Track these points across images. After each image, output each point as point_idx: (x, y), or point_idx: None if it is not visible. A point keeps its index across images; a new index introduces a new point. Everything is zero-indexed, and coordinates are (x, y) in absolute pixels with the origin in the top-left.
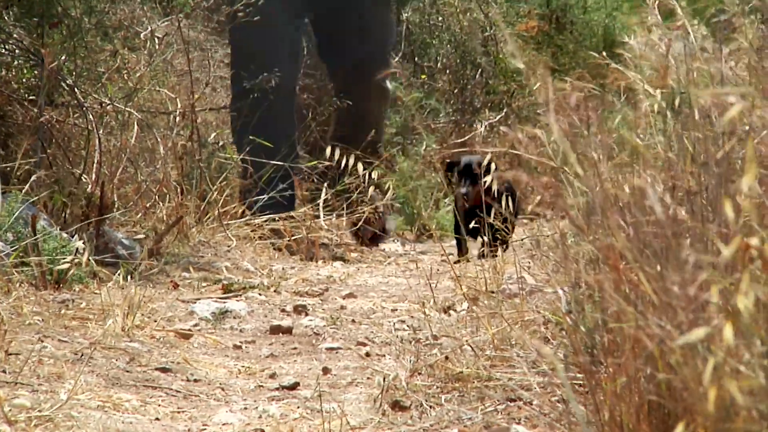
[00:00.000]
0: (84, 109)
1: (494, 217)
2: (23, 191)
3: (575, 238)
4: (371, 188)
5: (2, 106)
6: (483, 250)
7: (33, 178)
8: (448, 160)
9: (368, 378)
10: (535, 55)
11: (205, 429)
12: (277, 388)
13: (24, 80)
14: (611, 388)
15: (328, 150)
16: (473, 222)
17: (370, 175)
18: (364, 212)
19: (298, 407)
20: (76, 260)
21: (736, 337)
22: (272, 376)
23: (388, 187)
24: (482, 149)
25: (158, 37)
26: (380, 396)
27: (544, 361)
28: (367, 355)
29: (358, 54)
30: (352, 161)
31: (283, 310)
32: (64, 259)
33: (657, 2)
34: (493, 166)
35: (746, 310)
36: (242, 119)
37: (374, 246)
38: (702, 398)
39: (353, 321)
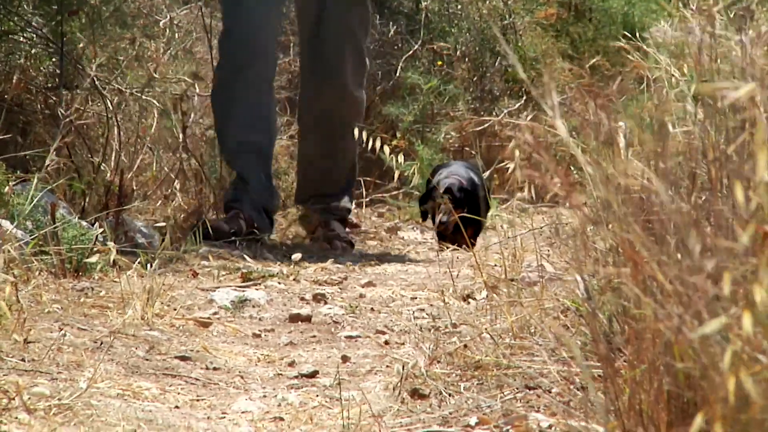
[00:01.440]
0: (103, 96)
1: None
2: (42, 179)
3: (593, 227)
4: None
5: (21, 94)
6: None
7: (51, 165)
8: (435, 165)
9: (387, 366)
10: (554, 43)
11: (224, 417)
12: (296, 376)
13: (42, 68)
14: (630, 376)
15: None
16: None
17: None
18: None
19: (317, 395)
20: (101, 250)
21: (754, 325)
22: (291, 364)
23: (412, 174)
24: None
25: (177, 25)
26: (399, 384)
27: (564, 349)
28: (387, 343)
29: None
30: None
31: (302, 299)
32: (84, 248)
33: None
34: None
35: (763, 299)
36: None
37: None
38: (719, 387)
39: (372, 309)
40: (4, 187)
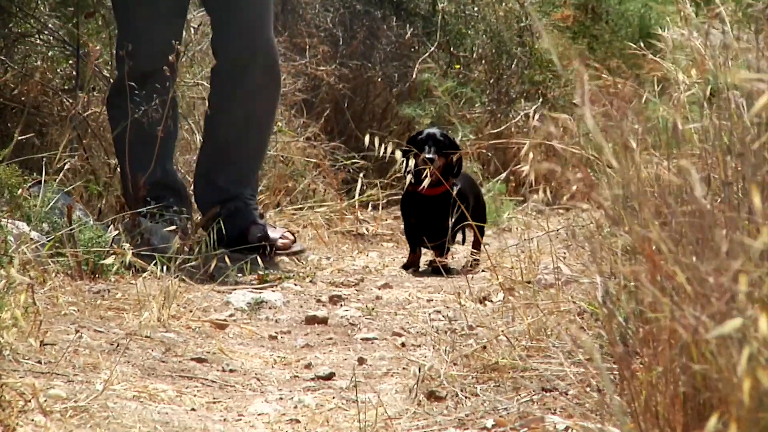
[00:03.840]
0: None
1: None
2: (59, 181)
3: (610, 228)
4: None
5: (37, 96)
6: (437, 262)
7: (68, 167)
8: (410, 134)
9: (404, 368)
10: (571, 44)
11: (240, 419)
12: (312, 379)
13: (59, 70)
14: (646, 378)
15: (367, 138)
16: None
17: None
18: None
19: (334, 397)
20: (115, 252)
21: None
22: (308, 366)
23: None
24: (516, 141)
25: (194, 27)
26: (416, 386)
27: (580, 351)
28: (403, 345)
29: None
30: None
31: (318, 301)
32: (101, 250)
33: None
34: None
35: None
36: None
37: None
38: (736, 389)
39: (389, 311)
40: (19, 188)
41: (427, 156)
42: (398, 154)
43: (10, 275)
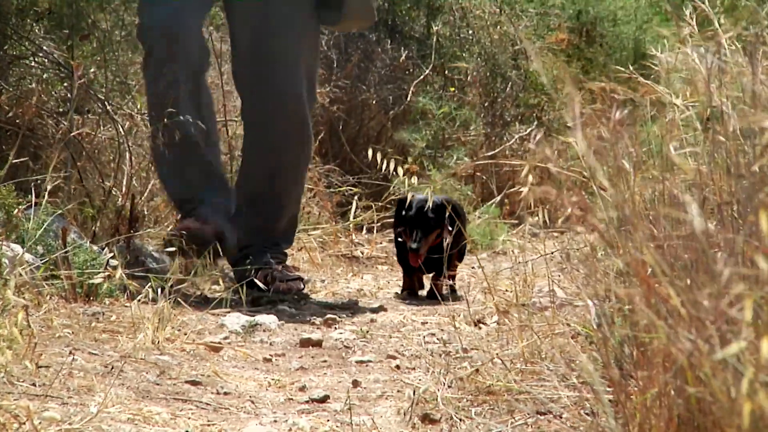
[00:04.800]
0: (114, 121)
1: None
2: (51, 203)
3: (605, 251)
4: None
5: (32, 118)
6: (431, 290)
7: (63, 190)
8: (398, 198)
9: (398, 391)
10: (565, 67)
11: None
12: (307, 401)
13: (54, 93)
14: (641, 401)
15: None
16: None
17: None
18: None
19: (328, 420)
20: (108, 274)
21: None
22: (302, 388)
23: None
24: (511, 162)
25: None
26: (410, 409)
27: (574, 374)
28: (398, 367)
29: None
30: (392, 166)
31: (312, 323)
32: (95, 272)
33: (691, 14)
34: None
35: None
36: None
37: None
38: (731, 412)
39: (383, 334)
40: (14, 210)
41: (413, 247)
42: (400, 171)
43: (5, 297)
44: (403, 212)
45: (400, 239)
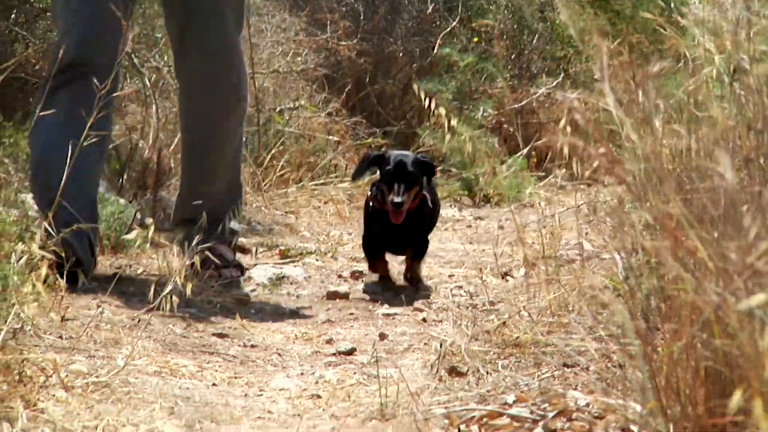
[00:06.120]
0: (141, 74)
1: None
2: None
3: (632, 204)
4: None
5: None
6: (407, 274)
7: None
8: (372, 154)
9: (425, 344)
10: (593, 20)
11: (261, 394)
12: (333, 354)
13: None
14: (668, 354)
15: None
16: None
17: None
18: None
19: (355, 373)
20: (137, 229)
21: None
22: (329, 341)
23: (445, 155)
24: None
25: None
26: (437, 362)
27: (601, 327)
28: (424, 320)
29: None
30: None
31: (339, 276)
32: (126, 226)
33: None
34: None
35: None
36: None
37: None
38: (758, 365)
39: (410, 286)
40: None
41: (396, 200)
42: (442, 111)
43: (31, 251)
44: (384, 166)
45: (371, 208)
